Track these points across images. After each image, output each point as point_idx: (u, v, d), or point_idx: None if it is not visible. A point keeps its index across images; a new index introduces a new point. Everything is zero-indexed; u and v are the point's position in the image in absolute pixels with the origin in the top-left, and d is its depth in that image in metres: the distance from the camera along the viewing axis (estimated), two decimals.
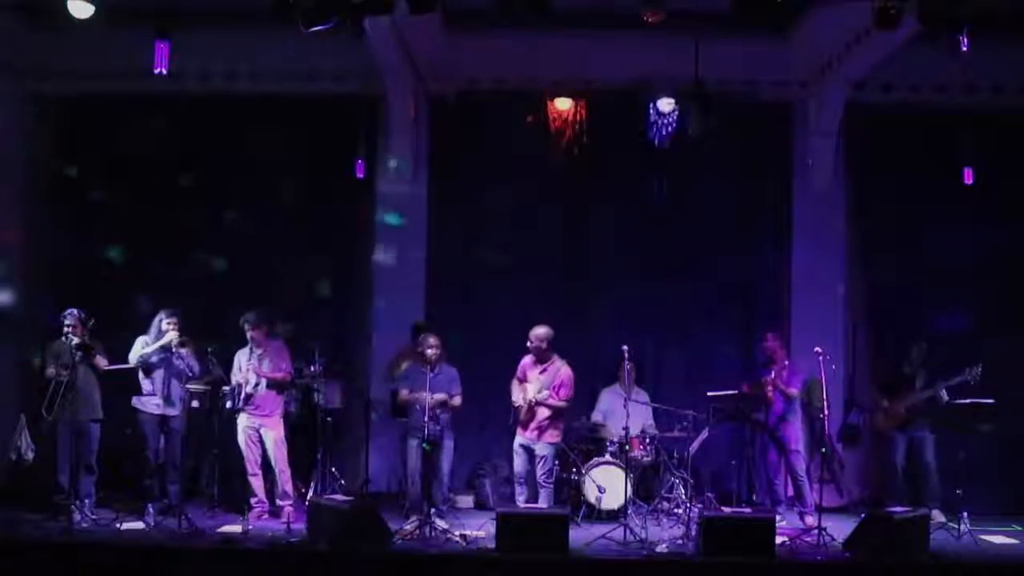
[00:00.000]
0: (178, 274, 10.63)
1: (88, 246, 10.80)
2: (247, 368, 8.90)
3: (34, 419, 8.90)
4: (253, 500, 8.90)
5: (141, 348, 8.85)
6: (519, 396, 9.04)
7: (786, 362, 9.36)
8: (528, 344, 9.01)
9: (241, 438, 8.94)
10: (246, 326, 8.94)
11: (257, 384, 8.88)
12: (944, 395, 9.28)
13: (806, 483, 9.25)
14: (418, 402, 8.69)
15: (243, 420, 8.91)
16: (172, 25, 8.33)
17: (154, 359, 8.84)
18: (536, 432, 8.96)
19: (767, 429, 9.30)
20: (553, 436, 9.00)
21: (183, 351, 8.75)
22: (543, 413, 8.95)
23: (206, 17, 9.25)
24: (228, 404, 9.10)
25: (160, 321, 8.81)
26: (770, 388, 9.23)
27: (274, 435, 8.96)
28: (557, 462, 9.44)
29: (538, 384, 8.96)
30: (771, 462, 9.47)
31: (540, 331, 8.98)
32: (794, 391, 9.23)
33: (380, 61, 10.00)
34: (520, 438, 9.06)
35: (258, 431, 8.93)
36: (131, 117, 10.68)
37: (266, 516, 8.90)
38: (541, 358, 9.02)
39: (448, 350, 9.11)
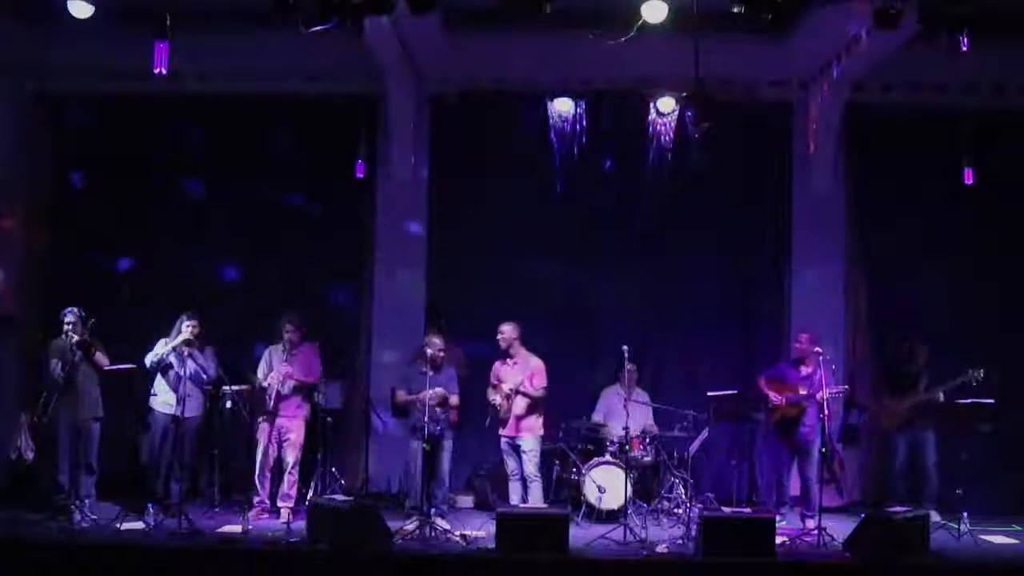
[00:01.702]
0: (177, 274, 10.64)
1: (88, 246, 10.79)
2: (280, 370, 8.92)
3: (34, 419, 8.91)
4: (255, 499, 8.88)
5: (159, 348, 8.89)
6: (496, 395, 9.06)
7: (818, 369, 8.87)
8: (499, 338, 9.05)
9: (261, 438, 8.93)
10: (288, 327, 9.00)
11: (285, 385, 8.95)
12: (940, 396, 9.29)
13: (815, 487, 9.21)
14: (417, 402, 8.72)
15: (267, 421, 8.92)
16: (172, 25, 8.32)
17: (170, 359, 8.86)
18: (519, 426, 8.99)
19: (794, 440, 9.21)
20: (535, 429, 9.02)
21: (188, 350, 8.75)
22: (521, 406, 8.97)
23: (206, 17, 9.23)
24: (228, 404, 9.10)
25: (181, 323, 8.84)
26: (805, 398, 9.06)
27: (295, 437, 9.00)
28: (557, 462, 9.47)
29: (514, 378, 9.00)
30: (783, 462, 9.43)
31: (507, 327, 9.09)
32: (828, 399, 8.90)
33: (380, 61, 10.00)
34: (504, 437, 9.10)
35: (280, 433, 8.94)
36: (131, 117, 10.67)
37: (266, 516, 8.91)
38: (509, 353, 9.06)
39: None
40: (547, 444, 9.31)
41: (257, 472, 8.95)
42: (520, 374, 8.99)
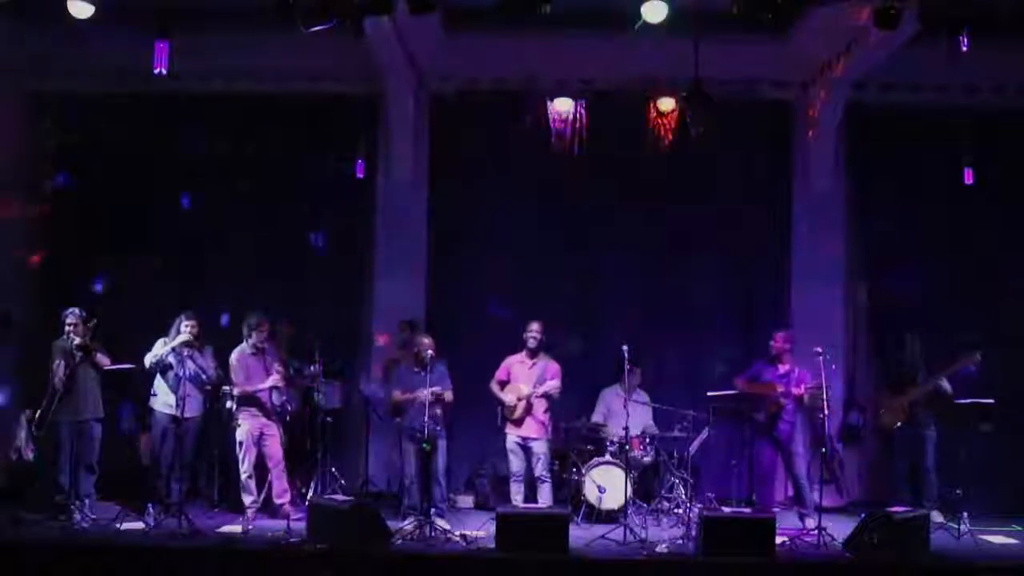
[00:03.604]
0: (177, 274, 10.64)
1: (87, 246, 10.78)
2: (276, 369, 8.91)
3: (33, 427, 8.91)
4: (249, 500, 8.83)
5: (158, 349, 8.87)
6: (512, 396, 9.06)
7: (795, 367, 9.16)
8: (530, 337, 9.09)
9: (247, 440, 8.83)
10: (264, 328, 8.91)
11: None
12: (947, 386, 9.26)
13: (807, 485, 9.23)
14: (415, 401, 8.73)
15: (250, 422, 8.86)
16: (172, 25, 8.32)
17: (170, 360, 8.85)
18: (537, 428, 9.04)
19: (774, 437, 9.22)
20: (548, 430, 9.13)
21: (188, 351, 8.74)
22: (541, 408, 9.00)
23: (206, 17, 9.24)
24: (228, 404, 9.10)
25: (179, 323, 8.83)
26: (782, 395, 9.13)
27: (277, 433, 8.97)
28: (557, 462, 9.49)
29: (532, 379, 9.02)
30: (767, 460, 9.41)
31: (539, 325, 9.14)
32: (804, 395, 9.10)
33: (380, 61, 10.00)
34: (515, 437, 9.09)
35: (263, 432, 8.91)
36: (131, 117, 10.67)
37: (261, 516, 8.87)
38: (535, 353, 9.08)
39: (447, 348, 9.16)
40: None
41: (246, 475, 8.80)
42: (540, 376, 9.04)
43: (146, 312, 9.91)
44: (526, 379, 9.09)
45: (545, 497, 9.03)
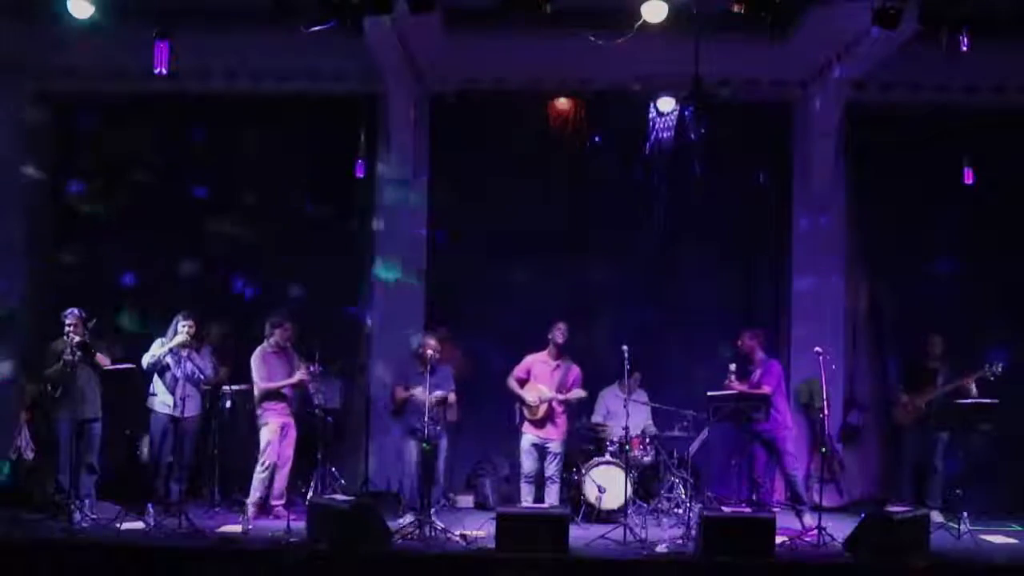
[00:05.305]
0: (177, 274, 10.64)
1: (87, 246, 10.79)
2: (299, 364, 9.00)
3: (41, 416, 8.90)
4: (255, 496, 8.83)
5: (156, 349, 8.87)
6: (533, 396, 9.05)
7: (764, 363, 9.15)
8: (557, 338, 9.09)
9: (274, 439, 8.89)
10: (288, 328, 9.04)
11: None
12: (974, 388, 9.21)
13: (799, 480, 9.21)
14: (415, 399, 8.73)
15: (274, 420, 8.92)
16: (172, 25, 8.32)
17: (167, 360, 8.85)
18: (555, 430, 9.10)
19: (753, 431, 9.22)
20: (564, 432, 9.18)
21: (185, 351, 8.75)
22: (560, 410, 9.09)
23: (206, 17, 9.24)
24: (227, 404, 9.10)
25: (177, 323, 8.83)
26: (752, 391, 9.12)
27: (293, 434, 9.02)
28: None
29: (555, 381, 9.05)
30: (762, 462, 9.41)
31: (564, 324, 9.13)
32: (767, 390, 9.07)
33: (380, 61, 10.00)
34: (533, 437, 9.10)
35: (284, 430, 8.96)
36: (131, 117, 10.68)
37: (261, 516, 8.87)
38: (559, 354, 9.09)
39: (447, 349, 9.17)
40: None
41: (266, 472, 8.85)
42: (563, 379, 9.08)
43: (144, 311, 9.93)
44: (548, 381, 9.08)
45: (553, 497, 9.06)
